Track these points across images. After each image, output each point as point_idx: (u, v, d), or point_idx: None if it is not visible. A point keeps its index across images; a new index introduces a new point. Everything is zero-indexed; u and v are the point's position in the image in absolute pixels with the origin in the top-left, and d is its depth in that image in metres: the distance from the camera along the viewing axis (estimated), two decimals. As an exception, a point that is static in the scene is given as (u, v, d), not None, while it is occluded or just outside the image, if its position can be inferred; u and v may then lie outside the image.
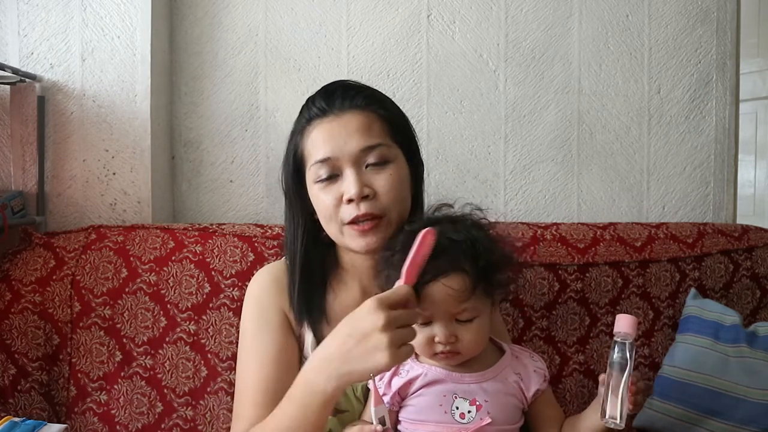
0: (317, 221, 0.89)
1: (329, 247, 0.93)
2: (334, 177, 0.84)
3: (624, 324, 0.76)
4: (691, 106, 1.58)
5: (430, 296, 0.77)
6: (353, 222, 0.83)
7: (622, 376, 0.74)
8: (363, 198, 0.82)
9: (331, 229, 0.87)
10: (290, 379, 0.82)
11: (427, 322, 0.79)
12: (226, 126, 1.48)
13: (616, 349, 0.75)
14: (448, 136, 1.52)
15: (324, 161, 0.84)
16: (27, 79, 1.28)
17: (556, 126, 1.55)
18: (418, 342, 0.80)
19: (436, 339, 0.79)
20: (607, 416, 0.75)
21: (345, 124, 0.84)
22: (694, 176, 1.59)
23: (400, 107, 0.94)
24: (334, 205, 0.84)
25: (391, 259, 0.81)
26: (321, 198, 0.85)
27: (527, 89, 1.54)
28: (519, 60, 1.53)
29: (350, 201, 0.82)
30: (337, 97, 0.86)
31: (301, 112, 0.91)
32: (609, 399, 0.74)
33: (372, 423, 0.74)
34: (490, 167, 1.54)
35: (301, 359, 0.90)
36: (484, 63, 1.53)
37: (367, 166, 0.84)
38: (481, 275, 0.78)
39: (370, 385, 0.77)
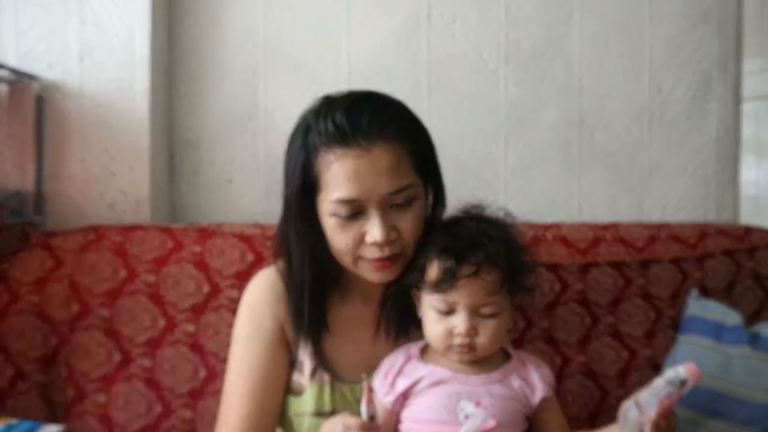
0: (320, 236, 0.85)
1: (331, 257, 0.88)
2: (356, 215, 0.80)
3: (688, 368, 0.75)
4: (693, 105, 1.58)
5: (464, 288, 0.78)
6: (372, 260, 0.82)
7: (659, 390, 0.74)
8: (388, 242, 0.80)
9: (344, 261, 0.85)
10: (277, 392, 0.86)
11: (448, 312, 0.80)
12: (225, 126, 1.48)
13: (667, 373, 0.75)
14: (448, 136, 1.51)
15: (348, 202, 0.79)
16: (25, 79, 1.28)
17: (556, 126, 1.55)
18: (435, 333, 0.81)
19: (456, 331, 0.79)
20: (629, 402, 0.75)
21: (374, 163, 0.78)
22: (696, 176, 1.59)
23: None
24: (353, 245, 0.81)
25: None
26: (338, 235, 0.81)
27: (527, 89, 1.53)
28: (519, 60, 1.53)
29: (374, 243, 0.80)
30: (364, 121, 0.79)
31: (315, 122, 0.81)
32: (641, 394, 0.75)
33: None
34: (490, 167, 1.53)
35: (296, 363, 0.90)
36: (484, 63, 1.52)
37: (392, 206, 0.81)
38: (511, 274, 0.80)
39: (363, 385, 0.77)
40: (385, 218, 0.80)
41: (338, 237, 0.81)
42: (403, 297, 0.88)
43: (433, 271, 0.80)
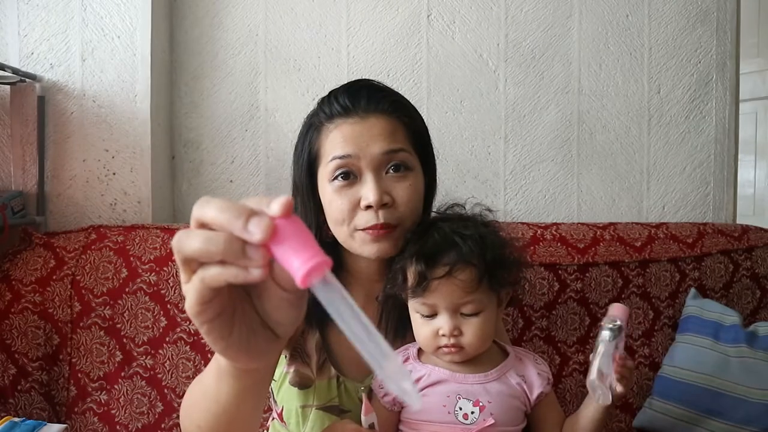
0: (323, 223, 0.87)
1: (333, 249, 0.90)
2: (351, 178, 0.82)
3: (616, 310, 0.84)
4: (691, 106, 1.59)
5: (437, 287, 0.77)
6: (367, 228, 0.81)
7: (603, 348, 0.80)
8: (382, 206, 0.80)
9: (340, 233, 0.84)
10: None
11: (431, 315, 0.80)
12: (226, 126, 1.48)
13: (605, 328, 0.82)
14: (448, 136, 1.52)
15: (343, 158, 0.81)
16: (27, 79, 1.28)
17: (556, 126, 1.55)
18: (422, 336, 0.81)
19: (440, 332, 0.79)
20: (591, 376, 0.79)
21: (369, 127, 0.81)
22: (694, 176, 1.59)
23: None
24: (349, 210, 0.81)
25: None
26: (335, 201, 0.82)
27: (527, 89, 1.54)
28: (519, 60, 1.53)
29: (368, 207, 0.80)
30: (363, 97, 0.83)
31: (320, 106, 0.87)
32: (593, 364, 0.80)
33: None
34: (490, 167, 1.54)
35: (303, 356, 0.90)
36: (484, 63, 1.53)
37: (387, 172, 0.82)
38: (488, 270, 0.78)
39: (362, 397, 0.77)
40: (379, 181, 0.81)
41: (335, 204, 0.82)
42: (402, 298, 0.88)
43: (410, 276, 0.80)
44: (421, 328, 0.81)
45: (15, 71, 1.24)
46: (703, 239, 1.35)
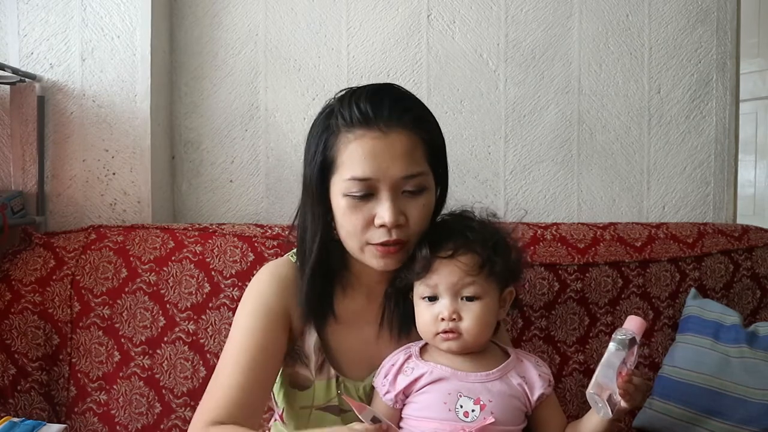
0: (331, 222, 0.87)
1: (338, 248, 0.90)
2: (367, 196, 0.82)
3: (631, 323, 0.81)
4: (692, 106, 1.58)
5: (440, 270, 0.81)
6: (379, 243, 0.82)
7: (605, 358, 0.77)
8: (396, 226, 0.81)
9: (351, 244, 0.85)
10: (273, 366, 0.85)
11: (433, 298, 0.82)
12: (226, 126, 1.48)
13: (613, 339, 0.79)
14: (448, 136, 1.48)
15: (363, 180, 0.80)
16: (27, 79, 1.28)
17: (556, 126, 1.55)
18: (423, 321, 0.84)
19: (440, 316, 0.81)
20: (590, 388, 0.77)
21: (390, 145, 0.80)
22: (695, 176, 1.59)
23: None
24: (362, 226, 0.82)
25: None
26: (349, 216, 0.82)
27: (527, 89, 1.54)
28: (519, 60, 1.53)
29: (382, 225, 0.81)
30: (386, 108, 0.81)
31: (338, 107, 0.84)
32: (597, 373, 0.77)
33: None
34: (490, 167, 1.54)
35: (302, 357, 0.90)
36: (484, 63, 1.53)
37: (403, 192, 0.83)
38: (489, 258, 0.82)
39: (346, 399, 0.79)
40: (396, 202, 0.81)
41: (348, 218, 0.82)
42: (406, 295, 0.89)
43: (417, 259, 0.83)
44: (423, 313, 0.84)
45: (15, 71, 1.24)
46: (704, 239, 1.35)
